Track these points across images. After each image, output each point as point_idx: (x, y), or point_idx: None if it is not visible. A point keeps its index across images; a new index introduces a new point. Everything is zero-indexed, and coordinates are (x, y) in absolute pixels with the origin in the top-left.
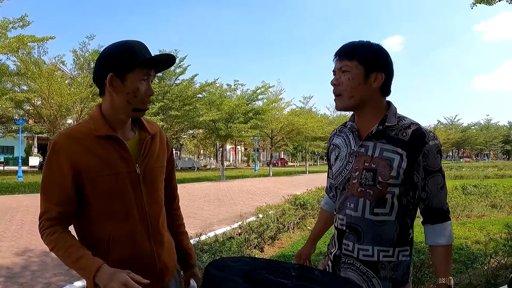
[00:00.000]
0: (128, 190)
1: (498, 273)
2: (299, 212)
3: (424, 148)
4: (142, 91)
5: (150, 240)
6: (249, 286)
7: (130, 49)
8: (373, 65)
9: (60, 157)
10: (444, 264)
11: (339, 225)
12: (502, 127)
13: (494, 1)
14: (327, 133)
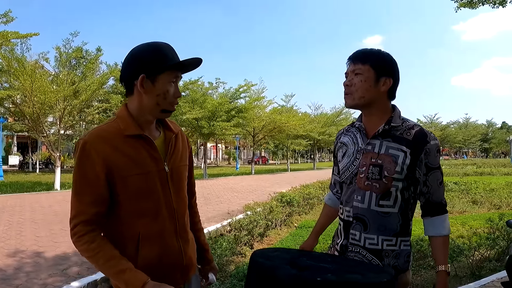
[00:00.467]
0: (157, 189)
1: (482, 265)
2: (285, 209)
3: (426, 147)
4: (171, 93)
5: (178, 237)
6: (297, 271)
7: (160, 52)
8: (383, 70)
9: (92, 156)
10: (443, 252)
11: (345, 217)
12: (481, 126)
13: (477, 5)
14: (309, 131)
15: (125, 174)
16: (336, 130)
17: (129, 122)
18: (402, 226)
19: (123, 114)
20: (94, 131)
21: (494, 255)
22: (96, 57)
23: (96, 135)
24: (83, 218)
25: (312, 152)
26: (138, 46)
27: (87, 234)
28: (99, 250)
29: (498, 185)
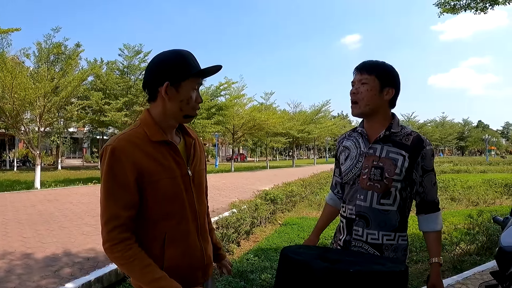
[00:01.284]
0: (182, 192)
1: (463, 259)
2: (269, 207)
3: (423, 152)
4: (193, 99)
5: (199, 238)
6: (329, 264)
7: (184, 59)
8: (387, 81)
9: (122, 161)
10: (436, 246)
11: (348, 214)
12: (457, 124)
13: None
14: (288, 128)
15: (155, 179)
16: (315, 128)
17: (154, 128)
18: (400, 223)
19: (148, 121)
20: (122, 137)
21: (474, 249)
22: (77, 53)
23: (125, 140)
24: (117, 223)
25: (290, 149)
26: (162, 54)
27: (122, 242)
28: (135, 258)
29: (475, 183)
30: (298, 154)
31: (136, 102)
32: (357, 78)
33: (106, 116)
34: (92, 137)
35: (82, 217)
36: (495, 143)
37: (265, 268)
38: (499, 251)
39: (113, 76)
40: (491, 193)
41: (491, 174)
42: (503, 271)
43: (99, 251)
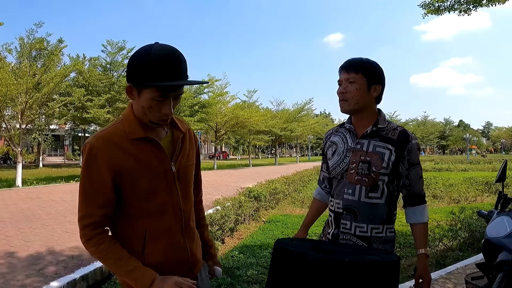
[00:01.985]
0: (164, 189)
1: (446, 255)
2: (253, 204)
3: (408, 145)
4: (155, 110)
5: (183, 236)
6: (324, 255)
7: (150, 65)
8: (374, 78)
9: (98, 160)
10: (423, 237)
11: (336, 208)
12: (438, 124)
13: (443, 12)
14: (271, 126)
15: (133, 176)
16: (297, 126)
17: (134, 125)
18: (387, 215)
19: (129, 117)
20: (101, 134)
21: (456, 245)
22: (60, 49)
23: (103, 138)
24: (91, 220)
25: (273, 147)
26: (138, 50)
27: (96, 237)
28: (108, 252)
29: (456, 181)
30: (280, 152)
31: (119, 99)
32: (344, 77)
33: (88, 113)
34: (73, 134)
35: (65, 215)
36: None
37: (251, 264)
38: (485, 243)
39: (95, 73)
40: (472, 190)
41: (472, 172)
42: (490, 262)
43: (83, 249)
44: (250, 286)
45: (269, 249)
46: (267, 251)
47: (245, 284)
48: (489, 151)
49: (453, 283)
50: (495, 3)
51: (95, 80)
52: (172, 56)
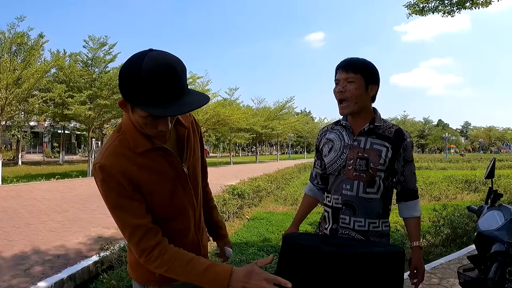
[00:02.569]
0: (179, 192)
1: (430, 250)
2: (237, 201)
3: (404, 143)
4: (151, 127)
5: (196, 231)
6: (335, 248)
7: (140, 84)
8: (371, 78)
9: (115, 176)
10: (416, 231)
11: (334, 204)
12: (418, 123)
13: (428, 13)
14: (252, 124)
15: (150, 189)
16: (278, 124)
17: (137, 137)
18: (383, 210)
19: (130, 128)
20: (109, 151)
21: (439, 241)
22: (41, 44)
23: (112, 155)
24: (140, 232)
25: (253, 145)
26: (129, 63)
27: (155, 249)
28: (174, 260)
29: (436, 179)
30: (260, 150)
31: (100, 96)
32: (343, 77)
33: (69, 109)
34: (53, 131)
35: (48, 214)
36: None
37: (240, 261)
38: (478, 236)
39: (76, 68)
40: (452, 188)
41: (451, 170)
42: (483, 254)
43: (69, 248)
44: None
45: (255, 246)
46: (253, 248)
47: None
48: (468, 150)
49: (438, 278)
50: (479, 6)
51: (76, 76)
52: (166, 72)
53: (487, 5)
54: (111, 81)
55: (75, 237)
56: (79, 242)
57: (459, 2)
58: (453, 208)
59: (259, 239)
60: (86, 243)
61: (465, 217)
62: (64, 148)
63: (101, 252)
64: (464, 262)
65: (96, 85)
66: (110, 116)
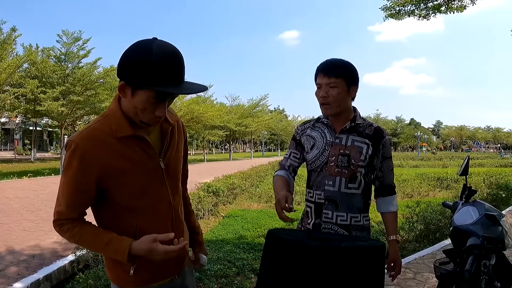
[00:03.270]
0: (153, 186)
1: (404, 246)
2: (212, 199)
3: (383, 140)
4: (149, 111)
5: (174, 230)
6: (321, 242)
7: (151, 67)
8: (352, 80)
9: (84, 163)
10: (393, 225)
11: (316, 199)
12: (390, 121)
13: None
14: (226, 122)
15: (121, 176)
16: (252, 121)
17: (121, 122)
18: (364, 204)
19: (115, 113)
20: (86, 133)
21: (413, 237)
22: (14, 38)
23: (88, 137)
24: (66, 216)
25: (227, 143)
26: (134, 44)
27: (69, 224)
28: (82, 233)
29: (409, 176)
30: (234, 148)
31: (73, 92)
32: (325, 82)
33: (41, 105)
34: (24, 128)
35: (21, 213)
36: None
37: (218, 259)
38: (454, 230)
39: (49, 64)
40: (424, 186)
41: (423, 168)
42: (458, 248)
43: (44, 248)
44: (218, 280)
45: (231, 243)
46: (229, 245)
47: (213, 279)
48: (439, 149)
49: (413, 272)
50: (453, 11)
51: (49, 72)
52: (174, 58)
53: (462, 10)
54: (85, 77)
55: (49, 236)
56: (54, 242)
57: (435, 6)
58: (426, 205)
59: (235, 236)
60: (62, 242)
61: (438, 214)
62: (36, 145)
63: (77, 251)
64: (438, 256)
65: (69, 81)
66: (83, 113)
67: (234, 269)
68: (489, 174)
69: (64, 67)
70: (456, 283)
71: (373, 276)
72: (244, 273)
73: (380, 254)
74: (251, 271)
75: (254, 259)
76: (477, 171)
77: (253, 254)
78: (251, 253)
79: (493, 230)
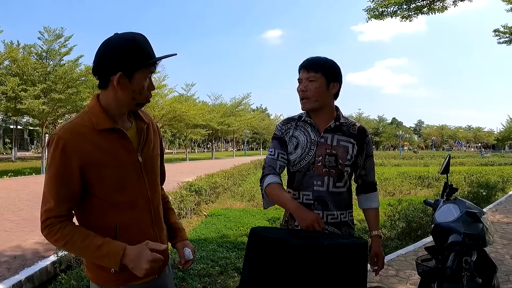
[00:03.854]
0: (132, 180)
1: (386, 244)
2: (194, 198)
3: (366, 139)
4: (146, 89)
5: (154, 226)
6: (303, 240)
7: (138, 48)
8: (332, 77)
9: (66, 153)
10: (375, 221)
11: (304, 200)
12: (372, 121)
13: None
14: (208, 120)
15: (102, 168)
16: (235, 120)
17: (101, 116)
18: (349, 201)
19: (95, 108)
20: (68, 126)
21: (395, 234)
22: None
23: (70, 130)
24: (58, 212)
25: (209, 141)
26: (114, 39)
27: (58, 224)
28: (73, 234)
29: (390, 175)
30: (216, 147)
31: (55, 90)
32: (305, 76)
33: (22, 103)
34: (4, 127)
35: (2, 213)
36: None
37: (201, 258)
38: (435, 228)
39: (30, 61)
40: (406, 184)
41: (404, 167)
42: (440, 245)
43: (26, 249)
44: (201, 279)
45: (214, 242)
46: (212, 244)
47: (197, 278)
48: (421, 148)
49: (395, 269)
50: (435, 12)
51: (30, 69)
52: (146, 39)
53: (443, 11)
54: (66, 75)
55: (31, 236)
56: (35, 242)
57: (417, 7)
58: (408, 203)
59: (218, 235)
60: (43, 243)
61: (419, 211)
62: (16, 144)
63: (59, 252)
64: (420, 254)
65: (50, 78)
66: (65, 111)
67: (217, 268)
68: (469, 173)
69: (46, 65)
70: (438, 280)
71: (356, 273)
72: (227, 272)
73: (362, 251)
74: (234, 270)
75: (237, 257)
76: (458, 170)
77: (236, 253)
78: (234, 252)
79: (474, 227)
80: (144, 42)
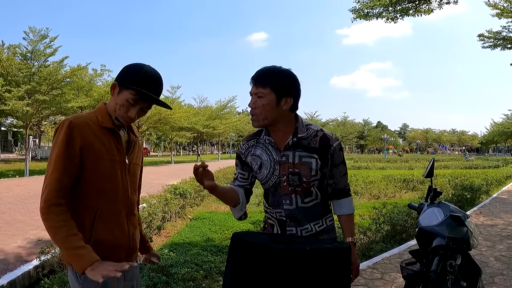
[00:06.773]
0: (118, 175)
1: (371, 247)
2: (179, 201)
3: (330, 150)
4: (124, 110)
5: (127, 221)
6: (284, 245)
7: (139, 73)
8: (283, 92)
9: (74, 135)
10: (349, 227)
11: (278, 217)
12: (357, 124)
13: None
14: (193, 123)
15: (98, 156)
16: (220, 123)
17: (106, 117)
18: (324, 209)
19: (101, 109)
20: (78, 115)
21: (380, 237)
22: None
23: (81, 119)
24: (58, 186)
25: (194, 144)
26: (135, 63)
27: (57, 206)
28: (63, 225)
29: (375, 178)
30: (201, 149)
31: (39, 91)
32: (253, 91)
33: (6, 104)
34: None
35: None
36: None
37: (185, 262)
38: (419, 232)
39: (15, 62)
40: (391, 187)
41: (389, 170)
42: (424, 248)
43: (8, 252)
44: (185, 284)
45: (198, 246)
46: (196, 248)
47: (181, 282)
48: (405, 151)
49: (380, 272)
50: (421, 14)
51: (14, 70)
52: (157, 78)
53: (429, 13)
54: (51, 76)
55: (13, 240)
56: (18, 246)
57: (403, 9)
58: (392, 206)
59: (202, 239)
60: (26, 247)
61: (404, 215)
62: (0, 146)
63: (42, 256)
64: (405, 257)
65: (35, 79)
66: (49, 113)
67: (202, 272)
68: (454, 176)
69: (30, 65)
70: (422, 283)
71: (339, 278)
72: (212, 276)
73: (345, 256)
74: (219, 273)
75: (221, 261)
76: (442, 173)
77: (221, 257)
78: (219, 256)
79: (458, 230)
80: (148, 76)
